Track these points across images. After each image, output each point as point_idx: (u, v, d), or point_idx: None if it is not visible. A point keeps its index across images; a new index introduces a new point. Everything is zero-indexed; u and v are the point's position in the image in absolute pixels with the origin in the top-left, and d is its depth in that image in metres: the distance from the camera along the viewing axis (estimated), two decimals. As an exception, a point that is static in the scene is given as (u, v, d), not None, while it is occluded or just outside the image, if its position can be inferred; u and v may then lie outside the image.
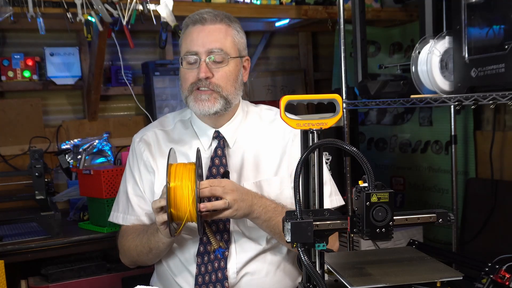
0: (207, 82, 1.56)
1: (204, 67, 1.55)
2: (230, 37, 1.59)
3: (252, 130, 1.68)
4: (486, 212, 2.71)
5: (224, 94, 1.57)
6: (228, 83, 1.58)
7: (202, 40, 1.56)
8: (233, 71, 1.60)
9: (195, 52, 1.56)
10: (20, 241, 2.10)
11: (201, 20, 1.57)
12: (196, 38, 1.57)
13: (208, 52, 1.55)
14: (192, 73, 1.58)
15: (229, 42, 1.59)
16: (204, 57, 1.55)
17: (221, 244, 1.56)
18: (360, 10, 2.44)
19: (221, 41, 1.57)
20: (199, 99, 1.57)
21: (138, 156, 1.68)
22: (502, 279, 1.69)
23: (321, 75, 3.63)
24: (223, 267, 1.55)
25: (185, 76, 1.60)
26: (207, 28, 1.57)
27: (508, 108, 2.67)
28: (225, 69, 1.57)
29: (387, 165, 3.35)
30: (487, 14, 1.83)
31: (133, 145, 1.72)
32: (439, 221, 1.11)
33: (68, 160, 2.70)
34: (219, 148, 1.62)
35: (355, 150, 1.04)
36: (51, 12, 2.30)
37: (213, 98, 1.56)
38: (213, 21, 1.58)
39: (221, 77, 1.57)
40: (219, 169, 1.59)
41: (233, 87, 1.60)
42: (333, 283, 1.16)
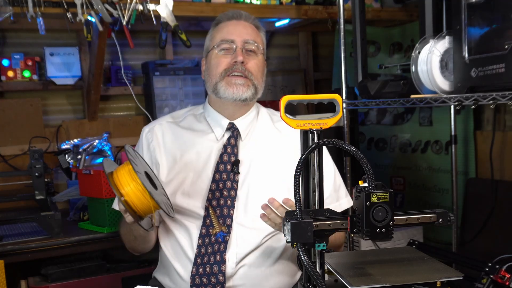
0: (242, 68, 1.64)
1: (240, 52, 1.64)
2: (260, 36, 1.73)
3: (263, 128, 1.74)
4: (486, 212, 2.71)
5: (255, 83, 1.66)
6: (259, 73, 1.68)
7: (239, 31, 1.67)
8: (262, 64, 1.71)
9: (231, 40, 1.66)
10: (20, 241, 2.10)
11: (237, 15, 1.71)
12: (233, 29, 1.68)
13: (244, 42, 1.66)
14: (226, 59, 1.65)
15: (260, 38, 1.72)
16: (240, 44, 1.65)
17: (223, 228, 1.59)
18: (360, 10, 2.44)
19: (255, 35, 1.70)
20: (233, 83, 1.63)
21: (145, 146, 1.72)
22: (502, 279, 1.69)
23: (321, 75, 3.63)
24: (222, 250, 1.57)
25: (218, 62, 1.66)
26: (242, 23, 1.70)
27: (508, 108, 2.67)
28: (256, 60, 1.68)
29: (387, 165, 3.35)
30: (487, 14, 1.83)
31: (141, 135, 1.77)
32: (439, 221, 1.11)
33: (68, 160, 2.70)
34: (232, 138, 1.67)
35: (355, 150, 1.04)
36: (51, 12, 2.30)
37: (246, 84, 1.64)
38: (248, 19, 1.72)
39: (253, 66, 1.66)
40: (230, 157, 1.64)
41: (261, 79, 1.70)
42: (333, 283, 1.16)
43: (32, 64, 2.80)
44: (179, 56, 3.19)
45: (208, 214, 1.60)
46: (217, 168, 1.64)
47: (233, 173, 1.63)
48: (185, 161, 1.67)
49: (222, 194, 1.62)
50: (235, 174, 1.64)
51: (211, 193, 1.62)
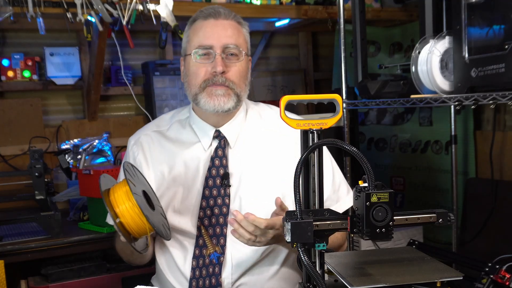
0: (222, 78, 1.51)
1: (220, 61, 1.50)
2: (242, 34, 1.57)
3: (253, 129, 1.63)
4: (486, 212, 2.71)
5: (238, 91, 1.54)
6: (241, 79, 1.55)
7: (218, 34, 1.51)
8: (245, 68, 1.57)
9: (209, 46, 1.51)
10: (20, 241, 2.10)
11: (215, 14, 1.53)
12: (211, 32, 1.52)
13: (224, 47, 1.51)
14: (205, 67, 1.52)
15: (242, 38, 1.56)
16: (219, 51, 1.50)
17: (217, 248, 1.53)
18: (360, 10, 2.44)
19: (235, 37, 1.53)
20: (214, 94, 1.51)
21: (131, 160, 1.64)
22: (502, 279, 1.69)
23: (321, 75, 3.63)
24: (217, 273, 1.52)
25: (196, 71, 1.54)
26: (221, 22, 1.53)
27: (508, 108, 2.67)
28: (239, 65, 1.54)
29: (387, 165, 3.35)
30: (487, 14, 1.83)
31: (128, 147, 1.69)
32: (439, 221, 1.11)
33: (68, 160, 2.70)
34: (219, 148, 1.58)
35: (355, 150, 1.04)
36: (51, 12, 2.30)
37: (227, 94, 1.52)
38: (227, 16, 1.54)
39: (235, 73, 1.53)
40: (219, 170, 1.55)
41: (244, 84, 1.57)
42: (333, 283, 1.16)
43: (32, 64, 2.80)
44: (179, 56, 3.18)
45: (200, 234, 1.53)
46: (206, 183, 1.55)
47: (224, 187, 1.54)
48: (173, 176, 1.58)
49: (213, 212, 1.54)
50: (226, 188, 1.54)
51: (202, 211, 1.54)
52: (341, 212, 1.59)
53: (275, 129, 1.61)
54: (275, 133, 1.61)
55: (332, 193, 1.62)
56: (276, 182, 1.56)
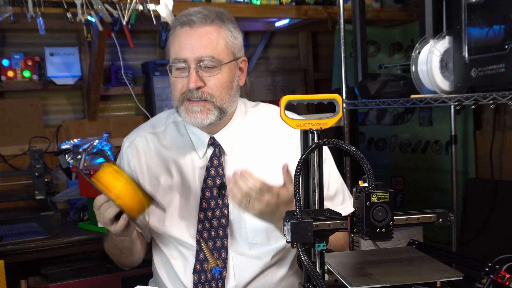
0: (198, 93, 1.42)
1: (194, 77, 1.41)
2: (222, 40, 1.44)
3: (251, 134, 1.56)
4: (486, 212, 2.71)
5: (219, 104, 1.44)
6: (223, 91, 1.44)
7: (191, 45, 1.41)
8: (227, 77, 1.45)
9: (183, 59, 1.42)
10: (20, 241, 2.10)
11: (189, 22, 1.42)
12: (185, 43, 1.42)
13: (198, 60, 1.41)
14: (182, 81, 1.44)
15: (221, 46, 1.43)
16: (193, 65, 1.41)
17: (218, 262, 1.49)
18: (360, 10, 2.44)
19: (212, 46, 1.42)
20: (190, 111, 1.44)
21: (126, 164, 1.59)
22: (502, 279, 1.69)
23: (321, 75, 3.63)
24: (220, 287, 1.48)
25: (174, 85, 1.46)
26: (196, 31, 1.42)
27: (508, 108, 2.67)
28: (218, 77, 1.43)
29: (387, 165, 3.35)
30: (487, 14, 1.83)
31: (122, 149, 1.62)
32: (439, 221, 1.11)
33: (68, 160, 2.70)
34: (214, 157, 1.51)
35: (355, 150, 1.04)
36: (51, 12, 2.30)
37: (206, 110, 1.43)
38: (203, 23, 1.42)
39: (214, 86, 1.43)
40: (215, 180, 1.49)
41: (228, 95, 1.46)
42: (333, 283, 1.16)
43: (32, 64, 2.80)
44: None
45: (200, 247, 1.48)
46: (202, 195, 1.49)
47: (221, 198, 1.48)
48: (169, 183, 1.53)
49: (212, 225, 1.48)
50: (224, 198, 1.48)
51: (200, 224, 1.49)
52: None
53: (275, 129, 1.54)
54: (274, 133, 1.55)
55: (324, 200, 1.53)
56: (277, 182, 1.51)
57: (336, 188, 1.60)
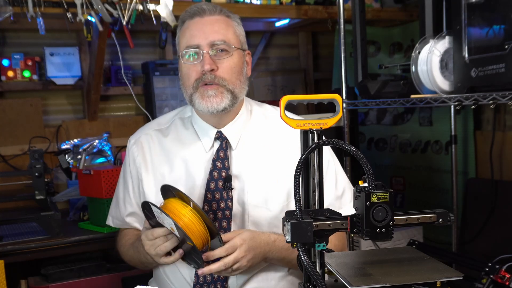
0: (212, 76, 1.47)
1: (208, 59, 1.46)
2: (231, 27, 1.52)
3: (257, 131, 1.59)
4: (486, 212, 2.71)
5: (231, 88, 1.49)
6: (234, 75, 1.50)
7: (204, 31, 1.48)
8: (238, 63, 1.51)
9: (196, 45, 1.48)
10: (20, 241, 2.10)
11: (199, 12, 1.50)
12: (196, 31, 1.49)
13: (211, 44, 1.47)
14: (195, 67, 1.49)
15: (231, 33, 1.51)
16: (206, 49, 1.47)
17: None
18: (360, 10, 2.45)
19: (223, 32, 1.49)
20: (206, 96, 1.47)
21: (131, 161, 1.62)
22: (502, 279, 1.69)
23: (321, 75, 3.63)
24: (222, 279, 1.50)
25: (187, 72, 1.51)
26: (207, 19, 1.49)
27: (508, 108, 2.67)
28: (229, 60, 1.49)
29: (387, 165, 3.35)
30: (487, 14, 1.83)
31: (128, 147, 1.66)
32: (439, 221, 1.11)
33: (68, 160, 2.70)
34: (221, 150, 1.54)
35: (355, 150, 1.04)
36: (51, 12, 2.30)
37: (220, 93, 1.48)
38: (212, 12, 1.50)
39: (226, 69, 1.48)
40: (221, 173, 1.52)
41: (239, 80, 1.51)
42: (333, 283, 1.16)
43: (32, 64, 2.80)
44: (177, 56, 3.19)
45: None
46: (208, 186, 1.51)
47: (226, 190, 1.50)
48: (174, 177, 1.55)
49: (216, 216, 1.51)
50: (228, 191, 1.51)
51: None
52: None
53: (280, 130, 1.56)
54: (279, 134, 1.57)
55: (334, 199, 1.58)
56: (280, 184, 1.54)
57: (344, 187, 1.62)
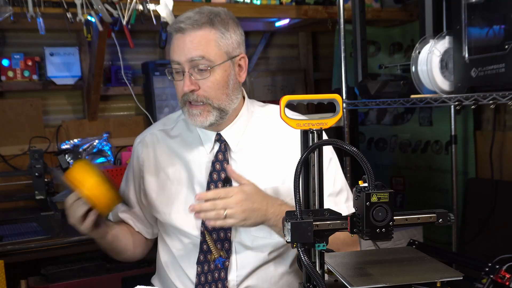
0: (194, 96, 1.48)
1: (187, 81, 1.47)
2: (213, 42, 1.47)
3: (258, 132, 1.60)
4: (486, 212, 2.71)
5: (216, 105, 1.49)
6: (218, 92, 1.49)
7: (183, 49, 1.47)
8: (221, 78, 1.48)
9: (177, 62, 1.49)
10: (20, 241, 2.10)
11: (180, 29, 1.49)
12: (177, 47, 1.49)
13: (190, 61, 1.46)
14: (180, 84, 1.50)
15: (212, 48, 1.47)
16: (187, 68, 1.47)
17: (222, 253, 1.52)
18: (360, 10, 2.45)
19: (202, 47, 1.46)
20: (191, 114, 1.50)
21: (135, 159, 1.66)
22: (502, 279, 1.69)
23: (321, 75, 3.63)
24: (223, 277, 1.51)
25: (176, 88, 1.54)
26: (187, 37, 1.47)
27: (508, 108, 2.67)
28: (210, 79, 1.47)
29: (387, 165, 3.35)
30: (487, 14, 1.83)
31: (133, 146, 1.71)
32: (439, 221, 1.11)
33: (68, 160, 2.69)
34: (220, 152, 1.56)
35: (355, 150, 1.04)
36: (51, 12, 2.30)
37: (205, 112, 1.49)
38: (192, 29, 1.47)
39: (208, 88, 1.48)
40: (220, 175, 1.53)
41: (224, 94, 1.50)
42: (333, 283, 1.16)
43: (32, 64, 2.80)
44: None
45: (204, 239, 1.52)
46: (208, 188, 1.53)
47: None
48: (177, 177, 1.59)
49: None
50: None
51: None
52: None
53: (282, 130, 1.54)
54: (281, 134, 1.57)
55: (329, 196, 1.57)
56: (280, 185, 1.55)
57: (341, 186, 1.63)
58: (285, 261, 1.59)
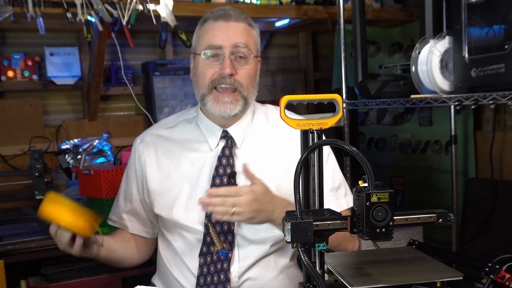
0: (231, 80, 1.52)
1: (229, 63, 1.51)
2: (252, 36, 1.58)
3: (260, 130, 1.65)
4: (486, 212, 2.71)
5: (245, 94, 1.55)
6: (249, 82, 1.56)
7: (228, 34, 1.52)
8: (254, 70, 1.58)
9: (219, 46, 1.52)
10: (20, 241, 2.10)
11: (226, 15, 1.54)
12: (220, 33, 1.53)
13: (233, 47, 1.52)
14: (213, 68, 1.53)
15: (252, 40, 1.57)
16: (228, 52, 1.52)
17: (225, 245, 1.54)
18: (360, 10, 2.45)
19: (246, 37, 1.55)
20: (220, 101, 1.53)
21: (136, 159, 1.67)
22: (502, 279, 1.69)
23: (321, 75, 3.63)
24: (226, 269, 1.53)
25: (204, 72, 1.55)
26: (231, 24, 1.54)
27: (508, 108, 2.67)
28: (248, 67, 1.55)
29: (387, 165, 3.35)
30: (487, 14, 1.83)
31: (133, 146, 1.71)
32: (439, 221, 1.11)
33: (68, 160, 2.70)
34: (226, 148, 1.59)
35: (355, 150, 1.04)
36: (51, 12, 2.30)
37: (235, 100, 1.54)
38: (238, 19, 1.55)
39: (244, 76, 1.54)
40: (226, 169, 1.56)
41: (252, 87, 1.58)
42: (333, 283, 1.16)
43: (32, 64, 2.80)
44: (179, 56, 3.19)
45: (208, 231, 1.54)
46: (213, 182, 1.56)
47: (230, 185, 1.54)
48: (179, 173, 1.60)
49: None
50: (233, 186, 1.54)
51: None
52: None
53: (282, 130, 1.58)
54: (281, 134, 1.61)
55: (330, 191, 1.63)
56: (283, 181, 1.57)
57: (340, 180, 1.68)
58: (286, 254, 1.62)
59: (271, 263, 1.59)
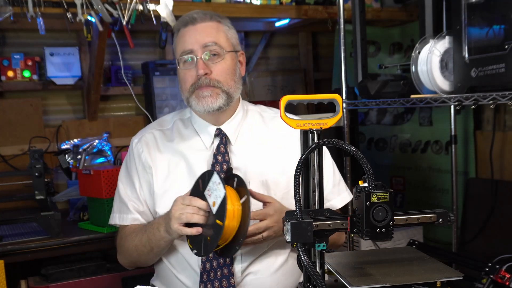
0: (207, 80, 1.57)
1: (201, 64, 1.56)
2: (222, 32, 1.62)
3: (254, 127, 1.69)
4: (486, 212, 2.71)
5: (225, 89, 1.59)
6: (228, 77, 1.60)
7: (196, 38, 1.58)
8: (231, 65, 1.61)
9: (190, 50, 1.58)
10: (20, 241, 2.10)
11: (191, 20, 1.60)
12: (189, 37, 1.59)
13: (203, 48, 1.57)
14: (191, 72, 1.59)
15: (222, 37, 1.61)
16: (200, 54, 1.57)
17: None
18: (360, 10, 2.44)
19: (214, 35, 1.59)
20: (201, 96, 1.58)
21: (136, 157, 1.68)
22: (502, 279, 1.69)
23: (321, 75, 3.63)
24: (228, 263, 1.55)
25: (184, 77, 1.61)
26: (198, 26, 1.60)
27: (508, 108, 2.67)
28: (222, 63, 1.59)
29: (387, 165, 3.35)
30: (487, 14, 1.83)
31: (131, 146, 1.72)
32: (439, 221, 1.11)
33: (68, 160, 2.70)
34: (221, 145, 1.62)
35: (355, 150, 1.04)
36: (51, 12, 2.30)
37: (215, 94, 1.57)
38: (203, 19, 1.60)
39: (219, 72, 1.58)
40: (222, 166, 1.59)
41: (233, 81, 1.62)
42: (333, 283, 1.16)
43: (32, 64, 2.80)
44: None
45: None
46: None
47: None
48: (178, 172, 1.63)
49: None
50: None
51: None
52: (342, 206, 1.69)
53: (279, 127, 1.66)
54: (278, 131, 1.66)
55: (332, 186, 1.69)
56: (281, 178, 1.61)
57: (339, 175, 1.75)
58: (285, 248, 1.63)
59: (272, 258, 1.61)
